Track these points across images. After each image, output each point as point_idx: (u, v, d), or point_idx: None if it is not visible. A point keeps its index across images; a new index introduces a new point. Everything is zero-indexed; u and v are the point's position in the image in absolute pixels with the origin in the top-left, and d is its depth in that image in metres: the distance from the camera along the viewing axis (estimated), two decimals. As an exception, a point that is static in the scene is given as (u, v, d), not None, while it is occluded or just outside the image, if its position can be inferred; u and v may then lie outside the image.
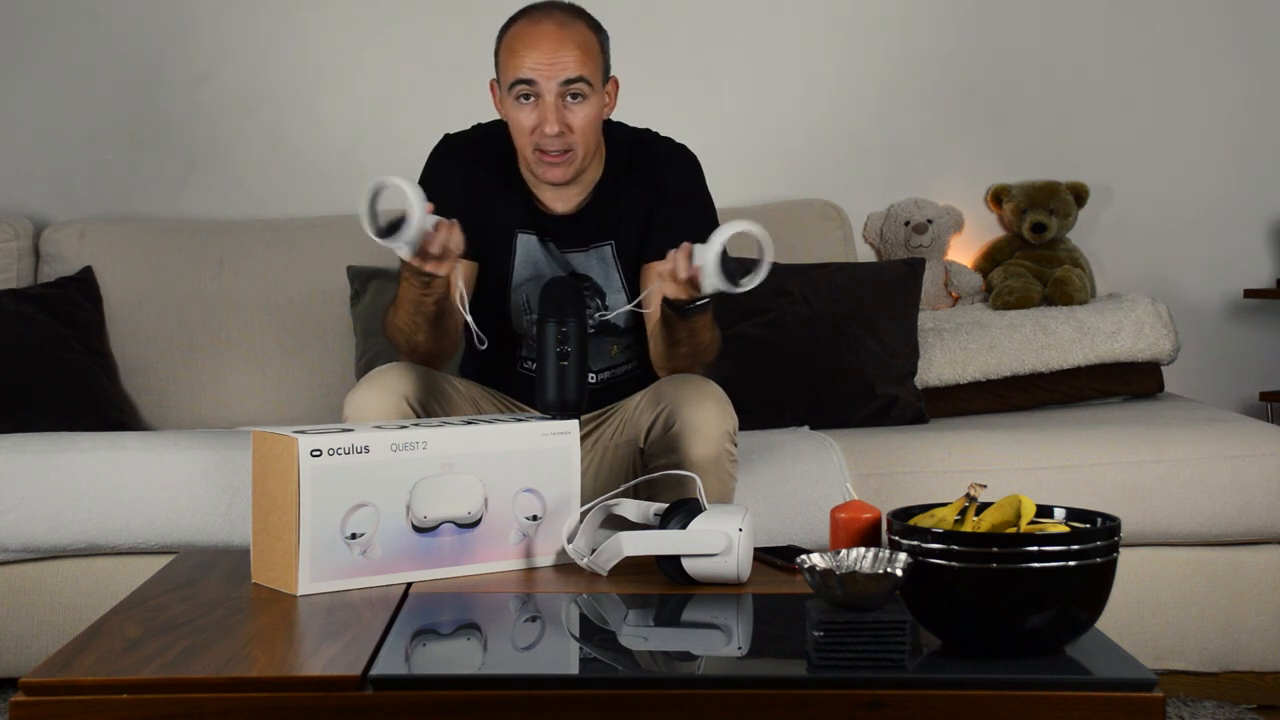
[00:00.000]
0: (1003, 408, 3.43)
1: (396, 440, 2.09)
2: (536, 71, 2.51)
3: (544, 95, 2.51)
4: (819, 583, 1.72)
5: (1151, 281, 3.87)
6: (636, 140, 2.67)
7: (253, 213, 3.77)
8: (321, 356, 3.48)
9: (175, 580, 2.14)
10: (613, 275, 2.65)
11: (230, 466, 2.84)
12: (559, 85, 2.51)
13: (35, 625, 2.87)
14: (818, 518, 2.80)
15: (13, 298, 3.34)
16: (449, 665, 1.84)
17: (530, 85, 2.52)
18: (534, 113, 2.52)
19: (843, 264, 3.52)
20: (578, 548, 2.16)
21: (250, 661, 1.75)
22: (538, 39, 2.52)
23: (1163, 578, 2.93)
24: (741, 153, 3.81)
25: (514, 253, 2.64)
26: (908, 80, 3.87)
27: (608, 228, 2.64)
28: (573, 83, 2.52)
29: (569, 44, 2.52)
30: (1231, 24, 3.89)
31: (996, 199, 3.84)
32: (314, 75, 3.80)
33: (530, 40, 2.52)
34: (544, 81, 2.51)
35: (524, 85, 2.52)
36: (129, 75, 3.77)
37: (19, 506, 2.82)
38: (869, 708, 1.64)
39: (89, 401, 3.24)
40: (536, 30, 2.53)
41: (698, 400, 2.45)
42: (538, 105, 2.52)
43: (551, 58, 2.51)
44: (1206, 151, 3.90)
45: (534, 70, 2.51)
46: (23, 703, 1.65)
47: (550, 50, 2.51)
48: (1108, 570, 1.74)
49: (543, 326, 2.27)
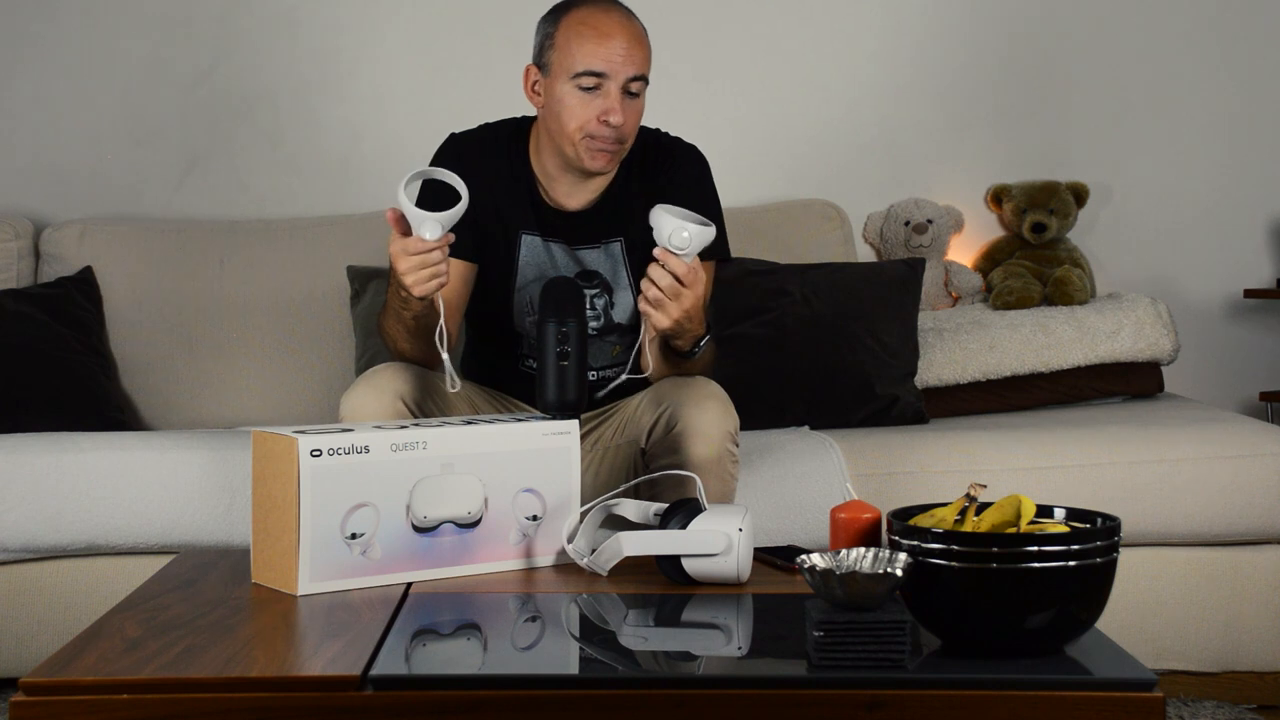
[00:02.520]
0: (1003, 408, 3.43)
1: (396, 440, 2.09)
2: (611, 64, 2.50)
3: (611, 88, 2.50)
4: (819, 583, 1.72)
5: (1151, 281, 3.87)
6: (649, 139, 2.67)
7: (253, 213, 3.77)
8: (321, 356, 3.48)
9: (175, 580, 2.14)
10: (621, 272, 2.66)
11: (230, 466, 2.84)
12: (627, 80, 2.51)
13: (35, 625, 2.87)
14: (818, 518, 2.80)
15: (13, 298, 3.34)
16: (449, 665, 1.84)
17: (600, 77, 2.50)
18: (597, 103, 2.51)
19: (843, 264, 3.52)
20: (578, 548, 2.16)
21: (250, 661, 1.75)
22: (613, 31, 2.51)
23: (1163, 578, 2.93)
24: (742, 153, 3.81)
25: (518, 253, 2.64)
26: (908, 80, 3.87)
27: (618, 224, 2.64)
28: (636, 80, 2.52)
29: (640, 40, 2.53)
30: (1231, 24, 3.89)
31: (996, 199, 3.84)
32: (314, 75, 3.80)
33: (605, 31, 2.51)
34: (615, 74, 2.50)
35: (593, 76, 2.50)
36: (129, 75, 3.77)
37: (19, 506, 2.82)
38: (869, 708, 1.64)
39: (89, 401, 3.24)
40: (609, 21, 2.52)
41: (699, 401, 2.45)
42: (601, 96, 2.51)
43: (626, 53, 2.50)
44: (1206, 151, 3.90)
45: (608, 63, 2.49)
46: (23, 703, 1.65)
47: (625, 44, 2.50)
48: (1108, 570, 1.74)
49: (543, 326, 2.27)
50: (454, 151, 2.64)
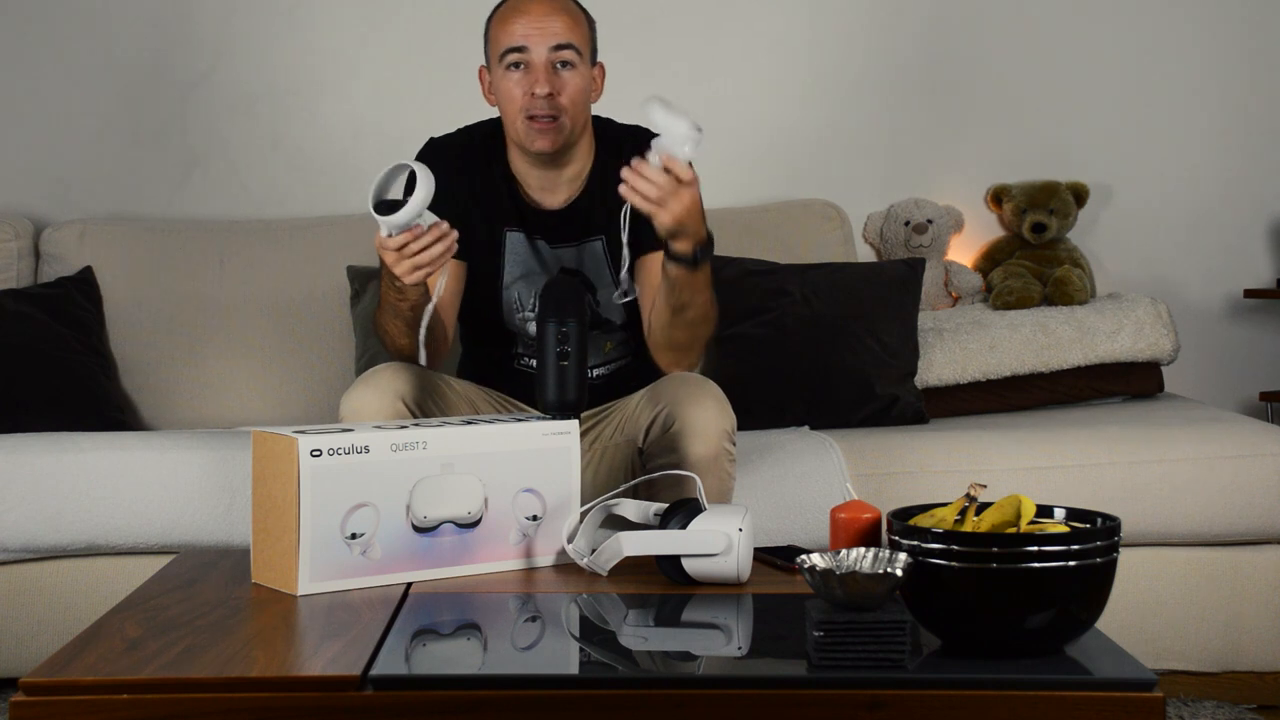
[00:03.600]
0: (1003, 408, 3.43)
1: (396, 440, 2.09)
2: (528, 38, 2.55)
3: (534, 61, 2.55)
4: (819, 583, 1.72)
5: (1151, 281, 3.87)
6: (627, 135, 2.67)
7: (253, 213, 3.77)
8: (321, 356, 3.48)
9: (175, 580, 2.14)
10: (604, 271, 2.66)
11: (230, 466, 2.84)
12: (549, 50, 2.55)
13: (35, 625, 2.87)
14: (818, 518, 2.80)
15: (13, 298, 3.34)
16: (449, 665, 1.84)
17: (521, 52, 2.55)
18: (525, 79, 2.56)
19: (843, 264, 3.52)
20: (578, 548, 2.16)
21: (250, 661, 1.75)
22: (529, 7, 2.57)
23: (1163, 578, 2.93)
24: (741, 153, 3.81)
25: (503, 250, 2.64)
26: (908, 80, 3.87)
27: (598, 223, 2.64)
28: (562, 49, 2.56)
29: (558, 11, 2.58)
30: (1232, 24, 3.89)
31: (996, 199, 3.84)
32: (314, 75, 3.80)
33: (522, 8, 2.58)
34: (534, 47, 2.55)
35: (515, 54, 2.56)
36: (129, 75, 3.77)
37: (19, 506, 2.82)
38: (869, 708, 1.64)
39: (89, 401, 3.24)
40: (526, 2, 2.58)
41: (696, 399, 2.45)
42: (528, 72, 2.56)
43: (541, 23, 2.55)
44: (1206, 151, 3.90)
45: (525, 36, 2.55)
46: (23, 703, 1.65)
47: (540, 16, 2.56)
48: (1108, 570, 1.74)
49: (543, 326, 2.27)
50: (432, 155, 2.65)
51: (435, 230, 2.32)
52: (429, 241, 2.32)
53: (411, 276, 2.35)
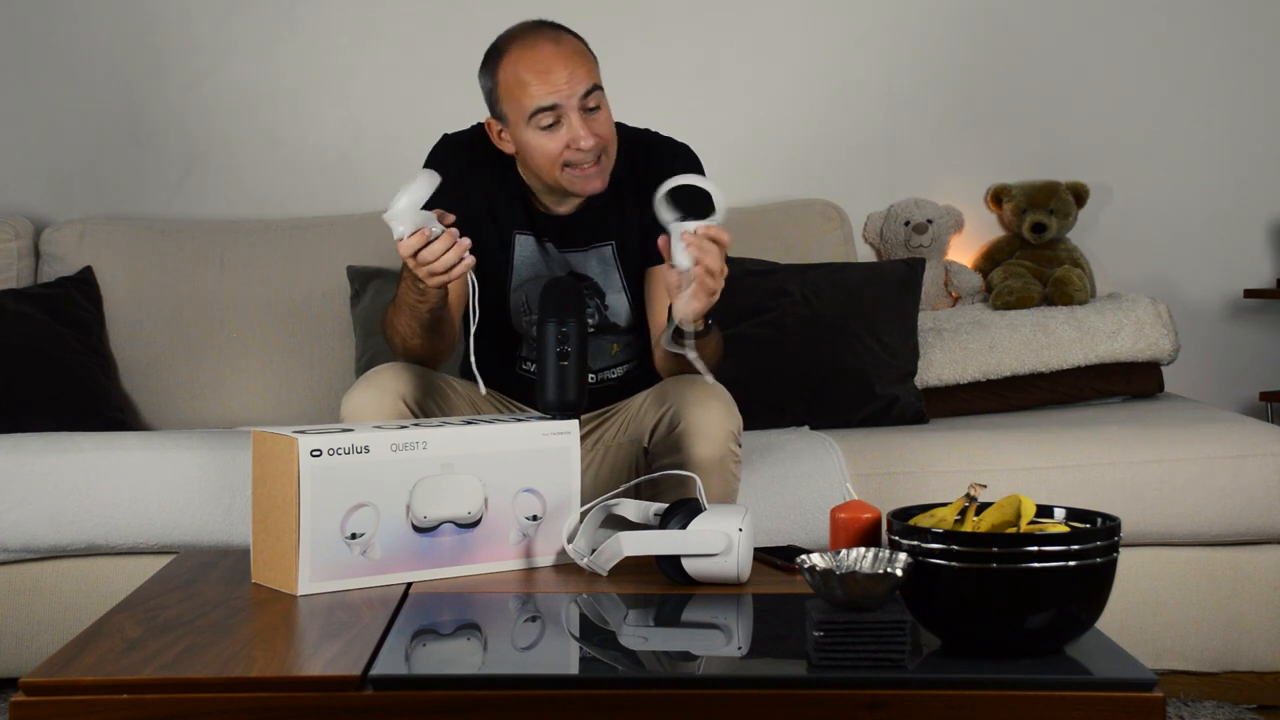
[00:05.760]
0: (1003, 408, 3.43)
1: (396, 440, 2.09)
2: (558, 94, 2.47)
3: (569, 115, 2.48)
4: (819, 583, 1.72)
5: (1151, 281, 3.87)
6: (638, 140, 2.66)
7: (253, 213, 3.77)
8: (321, 356, 3.48)
9: (175, 580, 2.14)
10: (613, 275, 2.65)
11: (230, 466, 2.84)
12: (579, 100, 2.49)
13: (35, 625, 2.87)
14: (818, 518, 2.80)
15: (13, 298, 3.34)
16: (449, 665, 1.84)
17: (554, 110, 2.48)
18: (562, 134, 2.49)
19: (843, 264, 3.52)
20: (578, 548, 2.16)
21: (250, 661, 1.75)
22: (546, 62, 2.48)
23: (1163, 578, 2.93)
24: (741, 153, 3.81)
25: (513, 253, 2.64)
26: (908, 80, 3.87)
27: (608, 228, 2.64)
28: (590, 93, 2.50)
29: (575, 56, 2.50)
30: (1232, 24, 3.89)
31: (996, 199, 3.84)
32: (314, 75, 3.80)
33: (537, 65, 2.48)
34: (566, 102, 2.48)
35: (547, 113, 2.48)
36: (129, 75, 3.77)
37: (19, 506, 2.82)
38: (869, 708, 1.64)
39: (89, 401, 3.24)
40: (539, 53, 2.49)
41: (703, 400, 2.45)
42: (564, 127, 2.49)
43: (567, 76, 2.47)
44: (1206, 151, 3.90)
45: (554, 94, 2.47)
46: (23, 703, 1.65)
47: (563, 69, 2.48)
48: (1108, 570, 1.74)
49: (543, 327, 2.27)
50: (446, 152, 2.64)
51: (447, 236, 2.31)
52: (441, 250, 2.31)
53: (431, 281, 2.35)
